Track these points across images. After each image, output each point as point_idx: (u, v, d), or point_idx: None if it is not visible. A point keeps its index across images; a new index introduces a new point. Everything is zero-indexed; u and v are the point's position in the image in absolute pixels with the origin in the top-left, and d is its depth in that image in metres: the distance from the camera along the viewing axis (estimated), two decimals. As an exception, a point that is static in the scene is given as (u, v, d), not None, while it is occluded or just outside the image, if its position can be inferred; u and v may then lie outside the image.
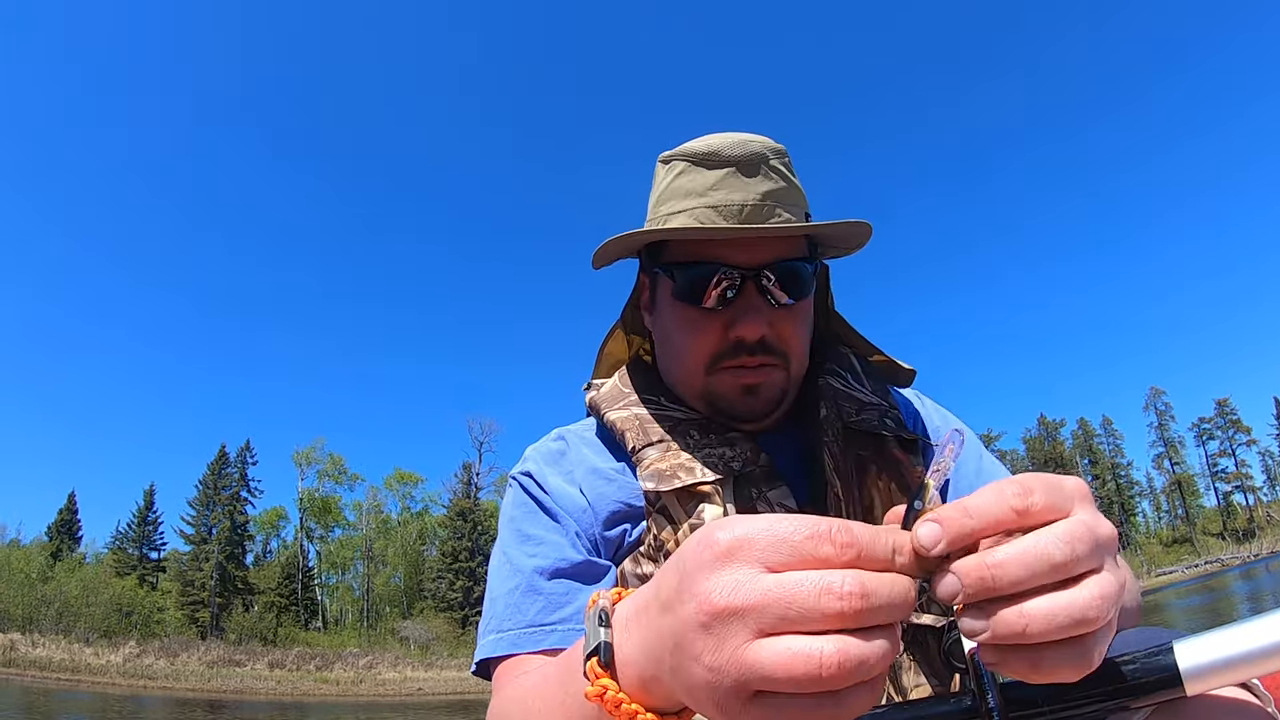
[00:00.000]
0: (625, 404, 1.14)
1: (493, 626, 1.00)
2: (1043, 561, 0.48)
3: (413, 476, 67.24)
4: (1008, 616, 0.48)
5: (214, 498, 59.96)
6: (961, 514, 0.50)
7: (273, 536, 64.89)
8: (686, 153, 1.09)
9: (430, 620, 56.31)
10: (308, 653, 47.08)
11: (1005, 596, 0.49)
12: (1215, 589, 35.01)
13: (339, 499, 65.09)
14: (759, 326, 1.03)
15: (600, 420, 1.16)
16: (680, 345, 1.10)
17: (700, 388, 1.09)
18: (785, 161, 1.09)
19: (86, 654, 39.89)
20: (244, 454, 62.60)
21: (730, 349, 1.05)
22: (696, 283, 1.05)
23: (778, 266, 1.04)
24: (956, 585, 0.49)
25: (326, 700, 36.71)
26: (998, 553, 0.49)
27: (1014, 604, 0.48)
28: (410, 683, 42.03)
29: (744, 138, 1.07)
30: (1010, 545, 0.49)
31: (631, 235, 1.06)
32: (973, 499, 0.51)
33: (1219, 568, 55.23)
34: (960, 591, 0.49)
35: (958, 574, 0.50)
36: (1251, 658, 0.56)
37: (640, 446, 1.06)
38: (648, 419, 1.10)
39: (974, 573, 0.49)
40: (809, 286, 1.09)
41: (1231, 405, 70.18)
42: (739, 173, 1.04)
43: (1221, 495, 70.96)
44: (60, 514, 58.92)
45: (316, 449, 64.21)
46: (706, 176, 1.05)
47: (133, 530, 60.26)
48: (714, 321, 1.05)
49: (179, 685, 37.18)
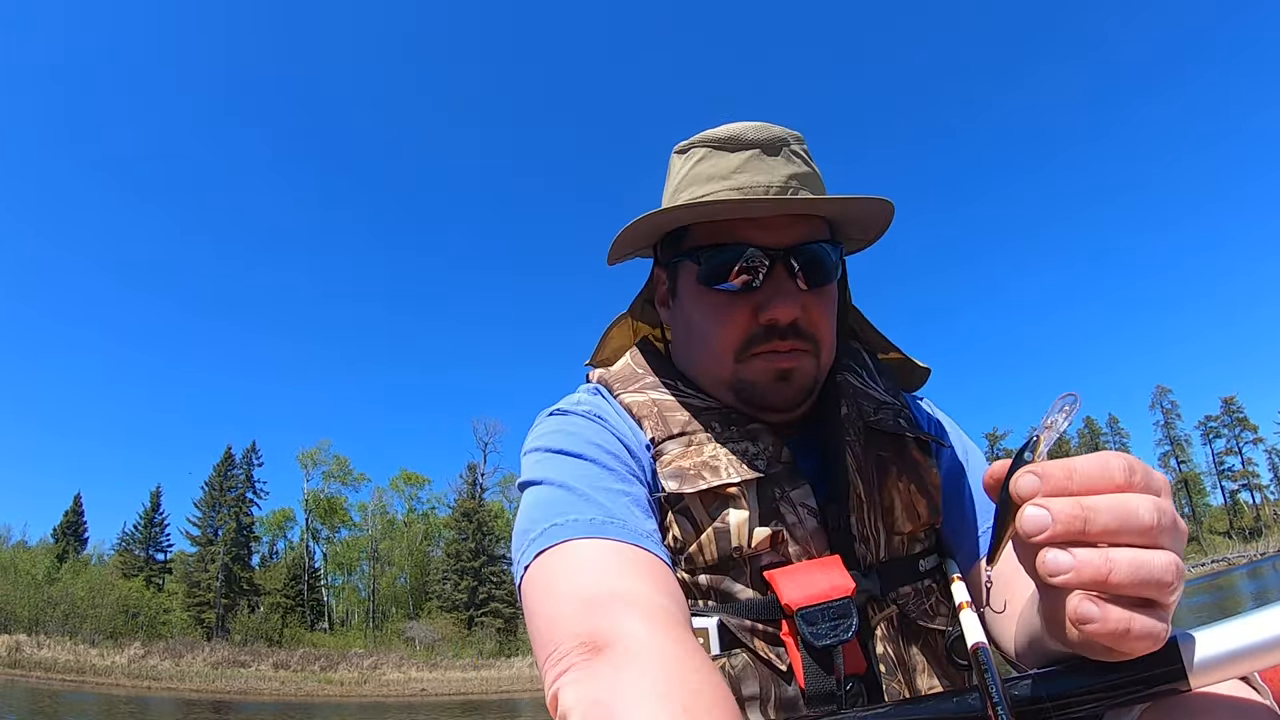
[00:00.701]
0: (641, 386, 1.08)
1: (550, 517, 0.86)
2: (1133, 518, 0.50)
3: (418, 478, 67.31)
4: (1094, 559, 0.49)
5: (220, 499, 60.08)
6: (1065, 473, 0.51)
7: (279, 538, 65.06)
8: (706, 139, 1.06)
9: (436, 621, 56.34)
10: (313, 653, 47.14)
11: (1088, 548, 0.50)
12: (1223, 588, 34.81)
13: (345, 500, 65.18)
14: (792, 308, 0.98)
15: (613, 401, 1.09)
16: (707, 331, 1.04)
17: (729, 376, 1.03)
18: (805, 148, 1.07)
19: (92, 655, 40.00)
20: (250, 456, 62.73)
21: (762, 333, 1.00)
22: (723, 265, 1.00)
23: (805, 249, 1.00)
24: (1046, 519, 0.50)
25: (331, 701, 36.77)
26: (1093, 498, 0.50)
27: (1099, 551, 0.50)
28: (414, 683, 42.03)
29: (763, 124, 1.05)
30: (1106, 497, 0.51)
31: (658, 214, 1.00)
32: (1079, 461, 0.52)
33: (1225, 566, 54.87)
34: (1047, 527, 0.50)
35: (1049, 508, 0.50)
36: (1253, 651, 0.57)
37: (661, 439, 1.00)
38: (667, 406, 1.04)
39: (1067, 509, 0.50)
40: (835, 271, 1.05)
41: (1238, 403, 69.91)
42: (763, 154, 1.02)
43: (1228, 494, 70.68)
44: (66, 516, 59.28)
45: (321, 450, 64.27)
46: (729, 160, 1.03)
47: (139, 532, 60.40)
48: (743, 305, 1.00)
49: (183, 686, 37.26)
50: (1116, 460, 0.52)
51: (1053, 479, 0.51)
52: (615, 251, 1.09)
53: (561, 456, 0.96)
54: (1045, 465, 0.53)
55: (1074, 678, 0.61)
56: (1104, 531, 0.50)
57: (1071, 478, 0.51)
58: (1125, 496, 0.51)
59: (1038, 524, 0.50)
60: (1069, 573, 0.50)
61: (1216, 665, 0.57)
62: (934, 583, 1.02)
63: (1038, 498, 0.51)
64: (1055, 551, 0.51)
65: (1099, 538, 0.50)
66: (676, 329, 1.14)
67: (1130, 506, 0.50)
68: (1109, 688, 0.59)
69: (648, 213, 1.00)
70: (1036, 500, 0.52)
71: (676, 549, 0.95)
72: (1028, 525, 0.51)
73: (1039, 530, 0.51)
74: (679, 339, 1.14)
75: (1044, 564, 0.51)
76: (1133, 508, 0.50)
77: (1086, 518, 0.50)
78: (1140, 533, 0.50)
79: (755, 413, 1.04)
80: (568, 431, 1.01)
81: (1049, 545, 0.51)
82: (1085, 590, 0.51)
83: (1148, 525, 0.50)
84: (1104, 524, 0.50)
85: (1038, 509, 0.51)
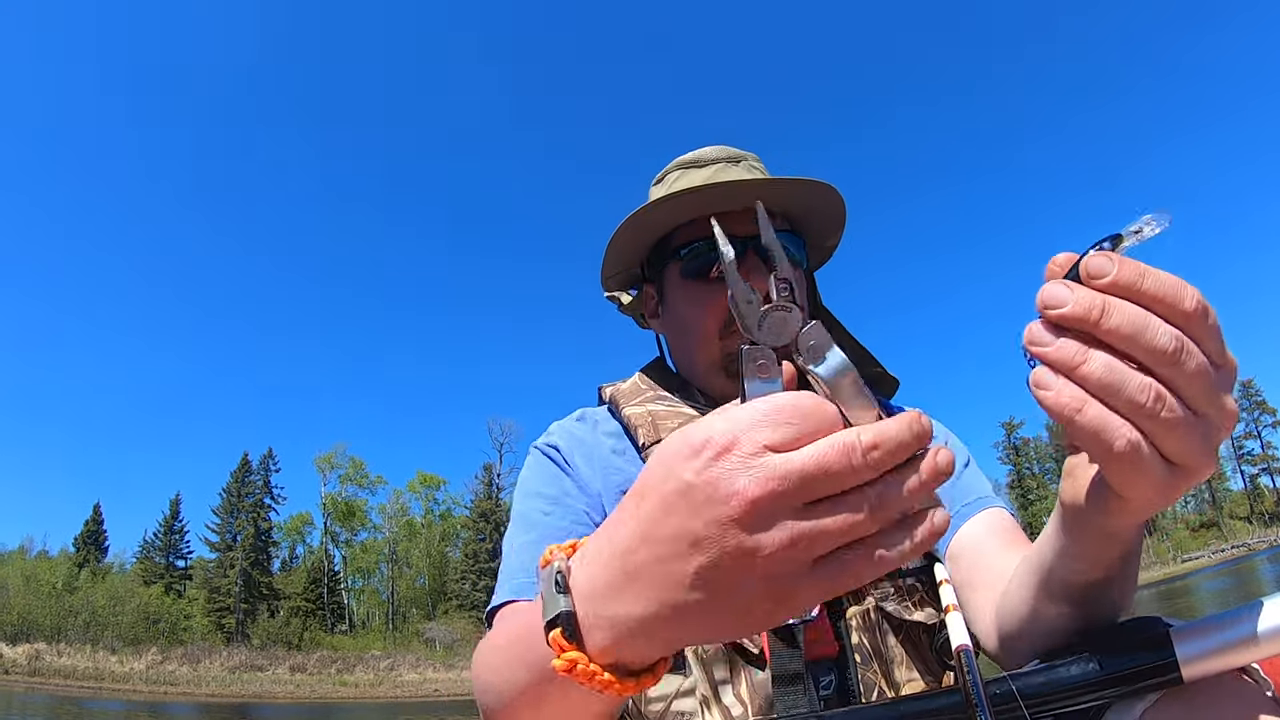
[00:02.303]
0: (641, 400, 1.20)
1: (503, 579, 1.04)
2: (1146, 333, 0.47)
3: (435, 479, 67.66)
4: (1071, 343, 0.49)
5: (238, 505, 60.98)
6: (1138, 272, 0.48)
7: (299, 542, 65.75)
8: (676, 164, 1.27)
9: (454, 621, 56.77)
10: (330, 656, 47.82)
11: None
12: (1243, 573, 34.31)
13: (364, 503, 65.72)
14: (764, 282, 1.05)
15: (617, 414, 1.21)
16: (692, 318, 1.18)
17: (718, 353, 1.16)
18: (762, 165, 1.29)
19: (111, 661, 40.72)
20: (266, 461, 63.63)
21: None
22: (703, 257, 1.15)
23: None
24: (1066, 296, 0.49)
25: (345, 703, 37.22)
26: (1118, 299, 0.48)
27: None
28: (428, 684, 42.49)
29: (722, 146, 1.27)
30: (1134, 306, 0.48)
31: (639, 212, 1.16)
32: (1158, 272, 0.49)
33: (1246, 552, 54.03)
34: (1065, 304, 0.48)
35: (1071, 289, 0.49)
36: (1249, 643, 0.55)
37: (649, 443, 1.11)
38: (661, 415, 1.15)
39: (1087, 295, 0.48)
40: (802, 257, 1.22)
41: (1256, 386, 68.48)
42: (728, 165, 1.23)
43: (1248, 478, 69.40)
44: (86, 525, 60.34)
45: (337, 454, 64.78)
46: (700, 173, 1.22)
47: (159, 539, 61.45)
48: (722, 289, 1.12)
49: (199, 691, 37.97)
50: (1193, 292, 0.48)
51: (1127, 270, 0.48)
52: (607, 269, 1.27)
53: (515, 515, 1.13)
54: (1123, 256, 0.49)
55: (1059, 672, 0.59)
56: (1112, 333, 0.48)
57: (1144, 278, 0.48)
58: (1153, 317, 0.48)
59: (1056, 299, 0.49)
60: (1050, 346, 0.49)
61: (1211, 657, 0.56)
62: (918, 581, 1.05)
63: (1105, 280, 0.48)
64: (1041, 328, 0.50)
65: (1106, 338, 0.48)
66: (669, 330, 1.28)
67: (1151, 323, 0.47)
68: (1100, 684, 0.58)
69: (632, 212, 1.16)
70: (1064, 280, 0.50)
71: None
72: (1045, 297, 0.50)
73: (1055, 305, 0.49)
74: (671, 339, 1.29)
75: (1045, 291, 0.50)
76: (1153, 325, 0.47)
77: (1104, 309, 0.47)
78: (1149, 353, 0.47)
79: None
80: (522, 484, 1.17)
81: (1057, 326, 0.50)
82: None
83: (1160, 348, 0.47)
84: (1115, 325, 0.47)
85: (1060, 285, 0.49)
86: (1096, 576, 0.70)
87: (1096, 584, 0.71)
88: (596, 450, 1.16)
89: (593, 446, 1.17)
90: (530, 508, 1.11)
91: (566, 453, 1.16)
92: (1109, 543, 0.65)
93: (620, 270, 1.30)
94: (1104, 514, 0.60)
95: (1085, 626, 0.75)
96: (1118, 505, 0.58)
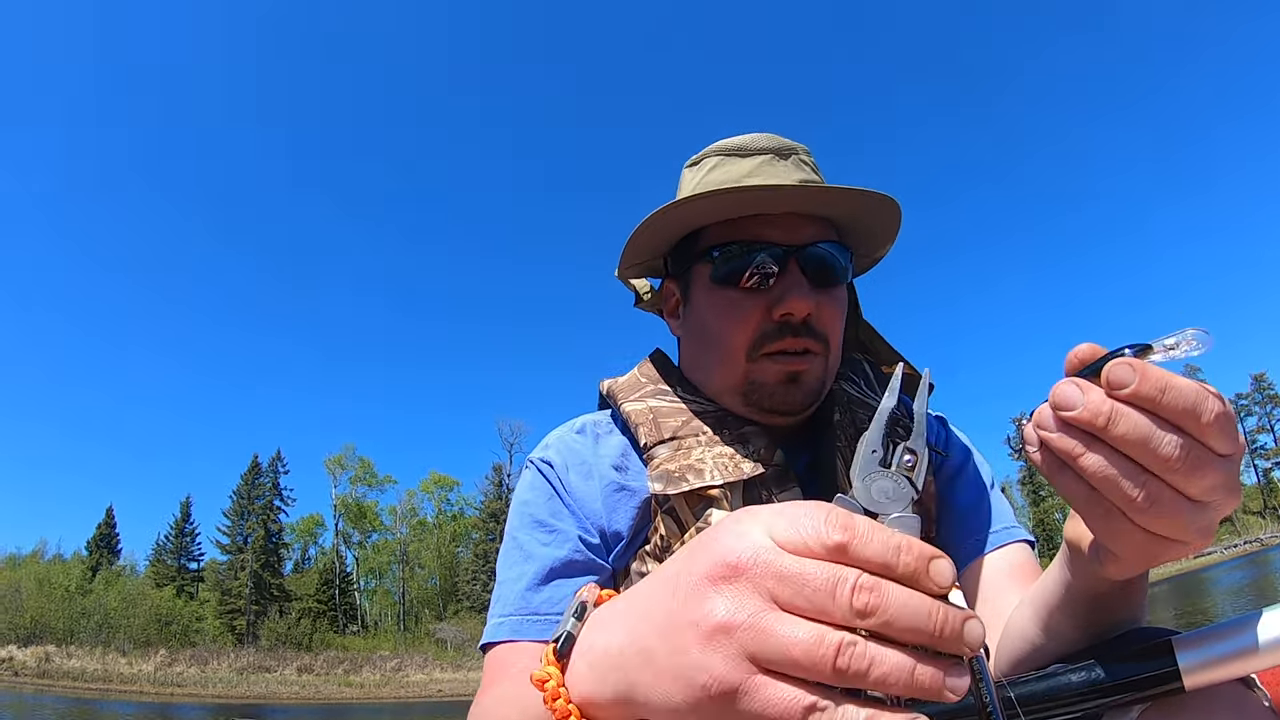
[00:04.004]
0: (641, 395, 1.13)
1: (498, 611, 1.00)
2: (1152, 442, 0.47)
3: (448, 480, 67.62)
4: (1102, 401, 0.48)
5: (248, 507, 61.29)
6: (1161, 383, 0.47)
7: (310, 544, 66.04)
8: (718, 149, 1.13)
9: (465, 622, 56.87)
10: (338, 657, 48.00)
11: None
12: (1259, 564, 33.94)
13: (375, 504, 65.86)
14: (807, 303, 1.00)
15: (616, 411, 1.14)
16: (720, 330, 1.06)
17: (740, 376, 1.06)
18: (813, 159, 1.15)
19: (120, 664, 41.14)
20: (275, 463, 63.92)
21: (774, 330, 1.02)
22: (737, 262, 1.03)
23: (818, 247, 1.04)
24: (1078, 398, 0.49)
25: (351, 703, 37.43)
26: (1126, 406, 0.48)
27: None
28: (434, 684, 42.64)
29: (771, 134, 1.12)
30: (1143, 414, 0.48)
31: (676, 204, 1.04)
32: (1181, 381, 0.48)
33: (1258, 547, 53.43)
34: (1076, 406, 0.48)
35: (1084, 391, 0.49)
36: (1250, 653, 0.56)
37: (652, 444, 1.04)
38: (662, 412, 1.08)
39: (1098, 397, 0.48)
40: (846, 273, 1.09)
41: (1268, 380, 67.58)
42: (776, 159, 1.09)
43: (1261, 472, 68.42)
44: (99, 528, 61.01)
45: (347, 455, 64.99)
46: (742, 165, 1.09)
47: (171, 542, 61.89)
48: (756, 302, 1.03)
49: (206, 693, 38.24)
50: (1213, 405, 0.48)
51: (1150, 381, 0.47)
52: (626, 259, 1.15)
53: (510, 538, 1.07)
54: (1147, 366, 0.48)
55: (1061, 680, 0.61)
56: (1118, 440, 0.48)
57: (1164, 393, 0.47)
58: (1157, 429, 0.47)
59: (1067, 400, 0.49)
60: (1053, 435, 0.49)
61: (1212, 666, 0.57)
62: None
63: (1127, 391, 0.47)
64: (1072, 386, 0.50)
65: (1112, 443, 0.48)
66: (688, 335, 1.16)
67: (1155, 434, 0.47)
68: (1104, 691, 0.59)
69: (664, 205, 1.04)
70: (1077, 380, 0.49)
71: (663, 547, 1.00)
72: (1057, 397, 0.49)
73: (1064, 407, 0.49)
74: (689, 347, 1.16)
75: (1058, 391, 0.50)
76: (1157, 436, 0.47)
77: (1111, 416, 0.47)
78: (1153, 461, 0.48)
79: (762, 416, 1.06)
80: (518, 504, 1.10)
81: (1068, 426, 0.49)
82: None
83: (1163, 457, 0.47)
84: (1121, 433, 0.47)
85: (1072, 387, 0.49)
86: (1101, 602, 0.70)
87: (1103, 607, 0.71)
88: (596, 467, 1.08)
89: (592, 463, 1.09)
90: (527, 537, 1.05)
91: (561, 470, 1.09)
92: (1108, 581, 0.65)
93: (641, 260, 1.19)
94: (1099, 563, 0.61)
95: (1089, 643, 0.74)
96: (1110, 558, 0.59)
